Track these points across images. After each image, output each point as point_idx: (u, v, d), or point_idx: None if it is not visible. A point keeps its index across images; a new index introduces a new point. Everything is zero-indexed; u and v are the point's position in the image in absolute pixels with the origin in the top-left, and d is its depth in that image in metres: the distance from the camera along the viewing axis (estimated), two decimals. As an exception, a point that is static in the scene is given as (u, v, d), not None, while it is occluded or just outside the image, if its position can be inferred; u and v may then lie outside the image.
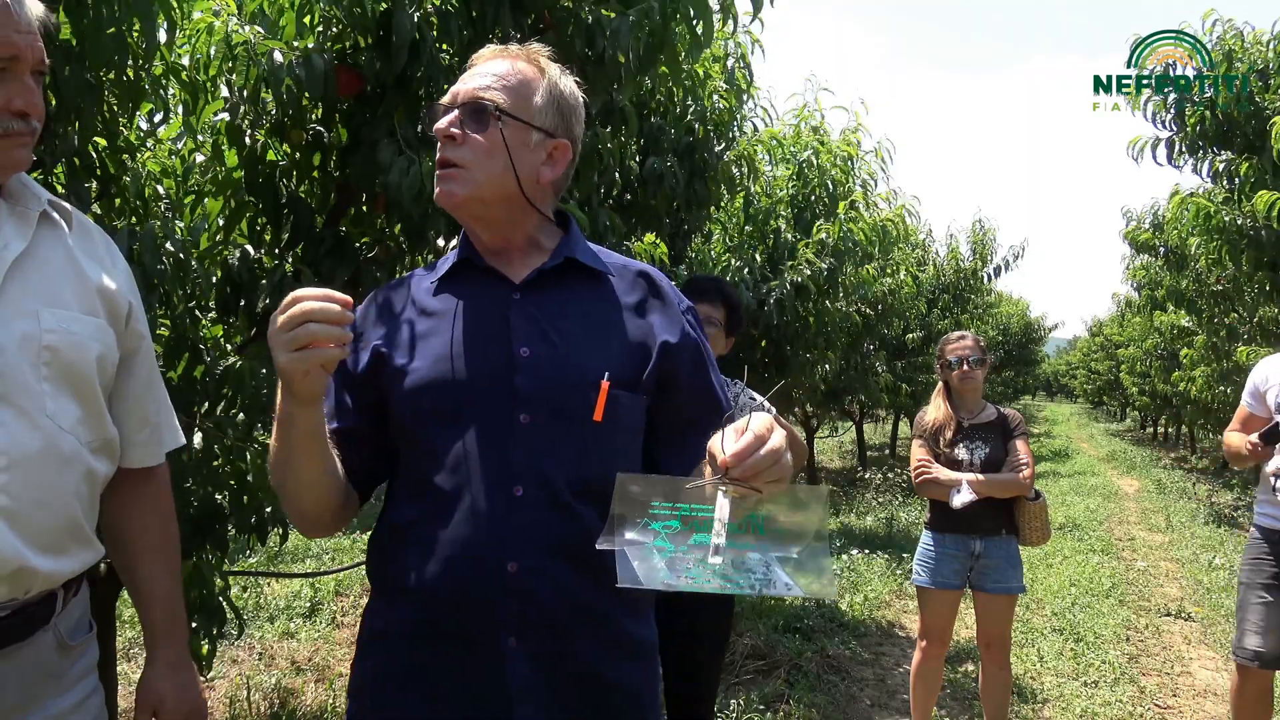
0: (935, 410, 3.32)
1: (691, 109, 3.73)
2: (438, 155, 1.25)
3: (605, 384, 1.20)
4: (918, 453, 3.28)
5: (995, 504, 3.15)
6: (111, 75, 1.84)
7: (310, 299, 1.07)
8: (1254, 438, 2.85)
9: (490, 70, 1.26)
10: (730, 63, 3.96)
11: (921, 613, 3.36)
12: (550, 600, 1.18)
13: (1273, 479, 2.92)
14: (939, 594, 3.24)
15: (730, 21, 2.66)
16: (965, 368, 3.25)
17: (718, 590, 0.96)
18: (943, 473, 3.18)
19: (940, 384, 3.38)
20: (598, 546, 1.03)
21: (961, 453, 3.21)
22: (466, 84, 1.25)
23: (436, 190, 1.26)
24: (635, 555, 0.98)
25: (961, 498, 3.10)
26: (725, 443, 1.00)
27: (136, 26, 1.73)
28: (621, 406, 1.23)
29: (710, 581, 0.95)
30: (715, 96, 3.82)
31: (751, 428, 1.01)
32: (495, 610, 1.17)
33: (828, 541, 1.03)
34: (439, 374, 1.22)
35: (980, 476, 3.13)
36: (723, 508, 0.98)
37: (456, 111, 1.24)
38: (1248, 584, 2.95)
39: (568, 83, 1.31)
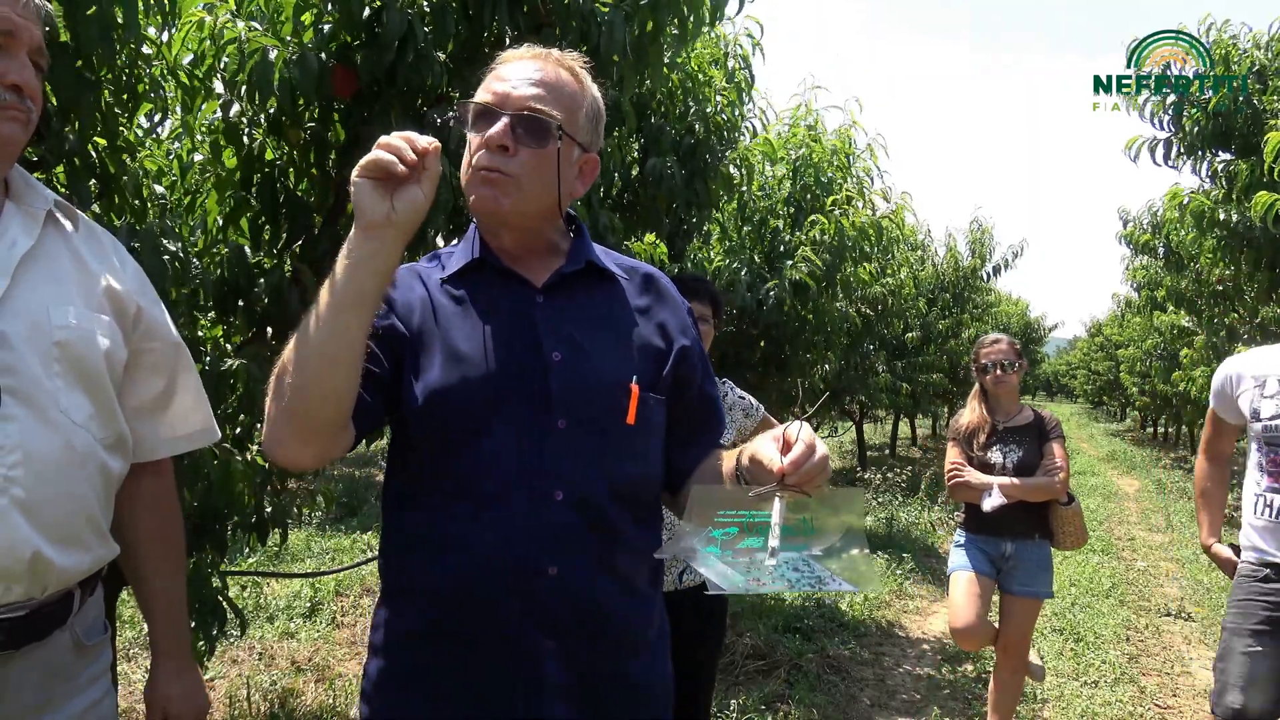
0: (970, 413, 3.31)
1: (693, 109, 3.73)
2: (481, 161, 1.20)
3: (635, 387, 1.23)
4: (951, 455, 3.28)
5: (1028, 507, 3.14)
6: (106, 72, 1.84)
7: (388, 137, 1.09)
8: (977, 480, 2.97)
9: (536, 76, 1.22)
10: (731, 64, 3.97)
11: (952, 606, 3.21)
12: (586, 603, 1.20)
13: (1267, 496, 2.44)
14: (973, 576, 3.16)
15: (722, 17, 2.65)
16: (999, 371, 3.24)
17: (783, 590, 1.05)
18: (974, 476, 3.18)
19: (976, 386, 3.37)
20: (657, 555, 1.08)
21: (995, 456, 3.20)
22: (516, 89, 1.20)
23: (476, 195, 1.21)
24: (699, 564, 1.05)
25: (991, 501, 3.09)
26: (776, 452, 1.06)
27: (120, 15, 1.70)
28: (649, 409, 1.26)
29: (775, 583, 1.02)
30: (717, 98, 3.82)
31: (801, 437, 1.06)
32: (533, 613, 1.18)
33: (866, 539, 1.11)
34: (467, 374, 1.20)
35: (1011, 480, 3.12)
36: (778, 512, 1.05)
37: (507, 120, 1.19)
38: (1233, 630, 2.46)
39: (598, 92, 1.31)
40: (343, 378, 1.12)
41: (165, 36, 2.08)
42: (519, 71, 1.23)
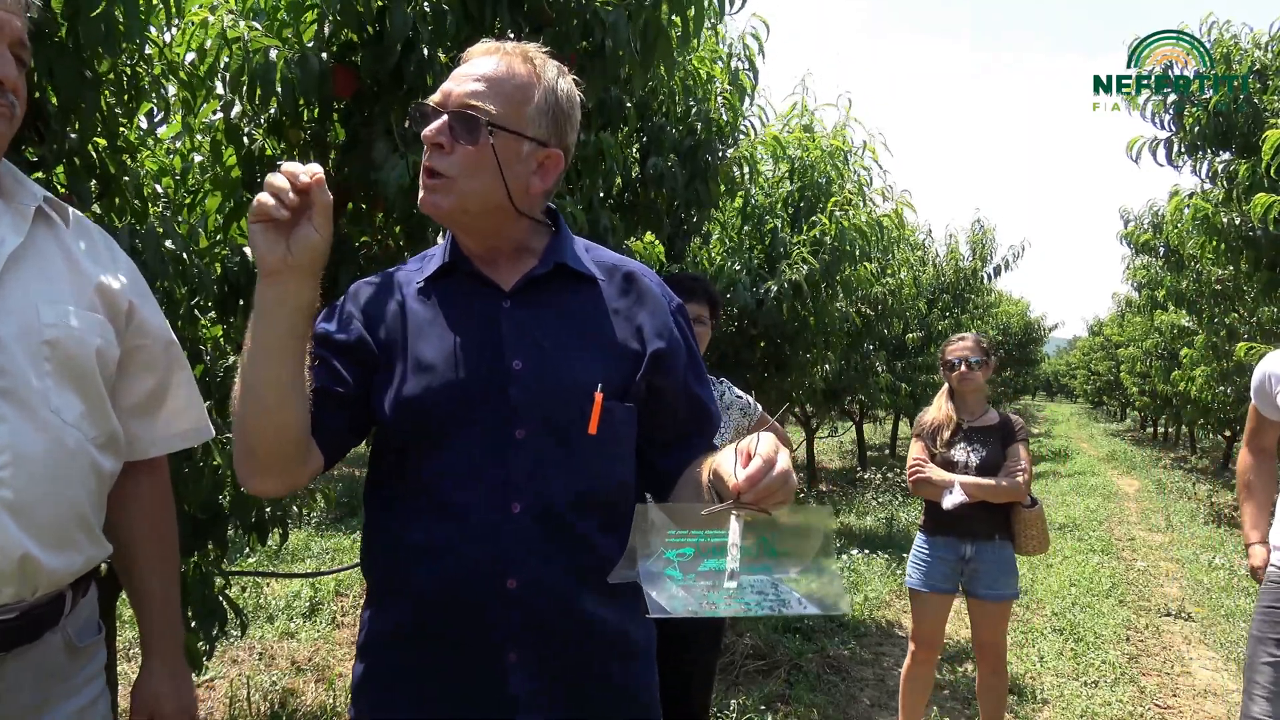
0: (935, 410, 3.31)
1: (694, 110, 3.73)
2: (425, 162, 1.20)
3: (599, 396, 1.19)
4: (914, 451, 3.28)
5: (989, 508, 3.13)
6: (107, 70, 1.83)
7: (273, 174, 1.07)
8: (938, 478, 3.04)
9: (483, 72, 1.20)
10: (735, 64, 3.96)
11: (913, 615, 3.34)
12: (550, 613, 1.19)
13: None
14: (930, 597, 3.22)
15: (725, 16, 2.65)
16: (964, 369, 3.23)
17: (740, 614, 0.98)
18: (936, 472, 3.17)
19: (945, 385, 3.38)
20: (610, 580, 1.03)
21: (958, 454, 3.19)
22: (459, 86, 1.19)
23: (421, 196, 1.21)
24: (651, 586, 0.99)
25: (952, 498, 3.08)
26: (735, 466, 1.00)
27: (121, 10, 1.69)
28: (615, 418, 1.22)
29: (731, 605, 0.97)
30: (719, 98, 3.82)
31: (760, 451, 1.01)
32: (495, 624, 1.18)
33: (834, 557, 1.04)
34: (431, 384, 1.20)
35: (974, 479, 3.12)
36: (735, 532, 0.99)
37: (445, 118, 1.18)
38: (1259, 638, 2.37)
39: (565, 85, 1.25)
40: (282, 421, 1.12)
41: (167, 36, 2.08)
42: (469, 68, 1.21)
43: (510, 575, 1.17)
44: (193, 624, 2.26)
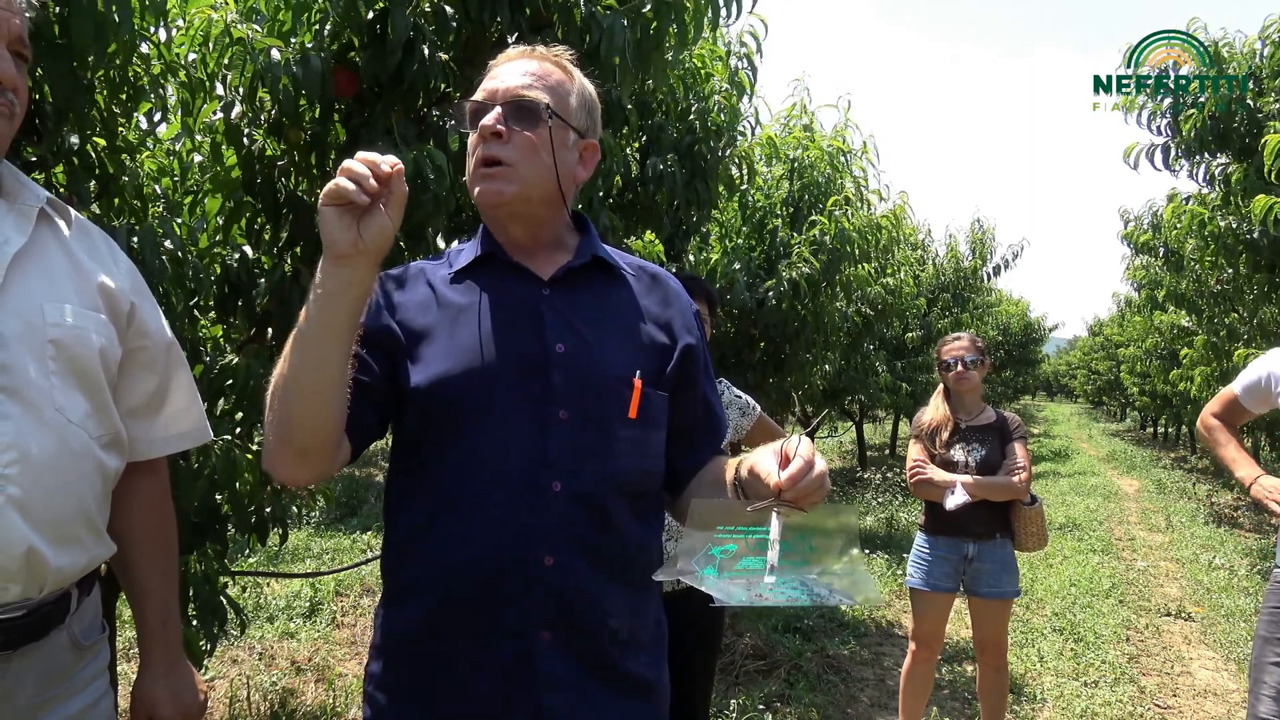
0: (933, 410, 3.32)
1: (694, 108, 3.73)
2: (480, 153, 1.24)
3: (638, 381, 1.24)
4: (913, 452, 3.28)
5: (990, 507, 3.14)
6: (102, 72, 1.83)
7: (351, 161, 1.08)
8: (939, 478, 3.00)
9: (524, 70, 1.27)
10: (734, 63, 3.96)
11: (913, 615, 3.35)
12: (581, 595, 1.20)
13: None
14: (931, 596, 3.23)
15: (728, 17, 2.65)
16: (960, 369, 3.24)
17: (786, 604, 1.04)
18: (937, 473, 3.18)
19: (940, 385, 3.39)
20: (655, 577, 1.08)
21: (957, 454, 3.20)
22: (505, 82, 1.26)
23: (480, 189, 1.24)
24: (697, 583, 1.04)
25: (955, 499, 3.09)
26: (775, 466, 1.06)
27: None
28: (652, 404, 1.26)
29: (778, 597, 1.03)
30: (717, 96, 3.82)
31: (800, 453, 1.06)
32: (529, 603, 1.19)
33: (861, 551, 1.12)
34: (470, 365, 1.21)
35: (974, 478, 3.13)
36: (776, 529, 1.05)
37: (500, 109, 1.23)
38: (1265, 638, 2.40)
39: (590, 86, 1.34)
40: (326, 405, 1.13)
41: (165, 35, 2.08)
42: (508, 69, 1.29)
43: (548, 553, 1.18)
44: (194, 622, 2.26)
